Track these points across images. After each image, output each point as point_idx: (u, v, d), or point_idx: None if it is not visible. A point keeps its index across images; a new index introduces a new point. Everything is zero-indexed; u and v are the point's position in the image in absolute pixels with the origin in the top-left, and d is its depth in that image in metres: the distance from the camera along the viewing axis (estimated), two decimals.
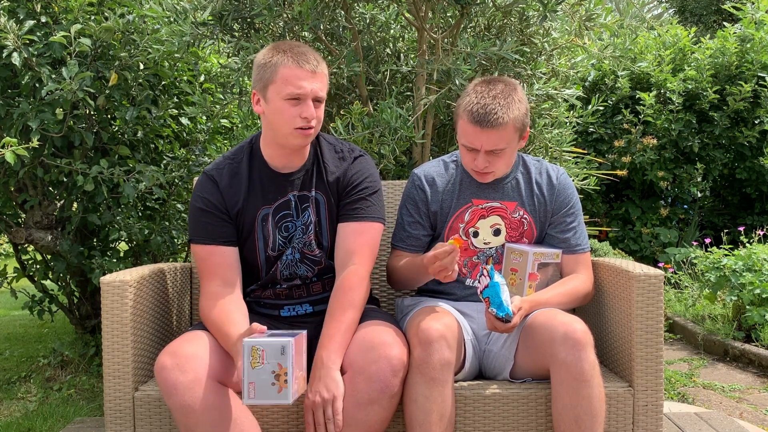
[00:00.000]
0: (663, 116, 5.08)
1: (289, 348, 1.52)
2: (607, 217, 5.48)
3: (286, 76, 1.79)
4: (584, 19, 2.58)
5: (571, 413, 1.72)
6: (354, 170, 1.95)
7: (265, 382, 1.52)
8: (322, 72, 1.83)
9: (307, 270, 1.98)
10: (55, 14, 2.85)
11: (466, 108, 1.89)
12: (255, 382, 1.52)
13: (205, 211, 1.90)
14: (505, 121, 1.85)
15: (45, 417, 2.73)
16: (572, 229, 2.05)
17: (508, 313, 1.75)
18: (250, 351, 1.52)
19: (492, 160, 1.91)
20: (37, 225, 3.05)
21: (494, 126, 1.85)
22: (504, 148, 1.89)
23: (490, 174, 1.96)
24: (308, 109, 1.80)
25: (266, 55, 1.83)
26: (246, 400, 1.54)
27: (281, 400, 1.52)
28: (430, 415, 1.70)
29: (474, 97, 1.88)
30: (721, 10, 10.60)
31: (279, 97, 1.80)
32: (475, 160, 1.92)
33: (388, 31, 2.96)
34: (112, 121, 3.14)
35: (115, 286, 1.86)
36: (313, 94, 1.81)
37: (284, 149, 1.90)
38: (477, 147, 1.90)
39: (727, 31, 5.25)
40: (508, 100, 1.87)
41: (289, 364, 1.51)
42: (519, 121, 1.89)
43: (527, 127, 1.96)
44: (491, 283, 1.77)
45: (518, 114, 1.88)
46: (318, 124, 1.86)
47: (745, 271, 3.51)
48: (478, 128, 1.86)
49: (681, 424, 2.56)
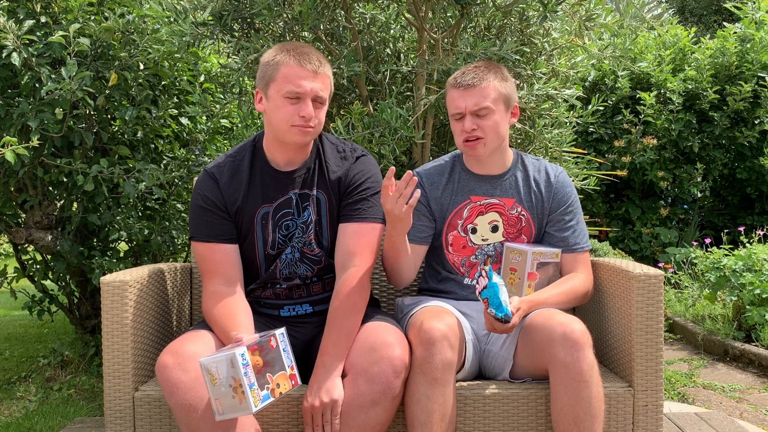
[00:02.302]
0: (663, 116, 5.08)
1: (236, 360, 1.53)
2: (607, 217, 5.48)
3: (286, 75, 1.81)
4: (584, 19, 2.58)
5: (570, 413, 1.72)
6: (356, 170, 1.96)
7: (227, 396, 1.55)
8: (324, 73, 1.85)
9: (306, 269, 1.98)
10: (54, 14, 2.85)
11: (449, 81, 2.02)
12: (219, 398, 1.55)
13: (205, 209, 1.91)
14: (486, 80, 1.95)
15: (45, 417, 2.73)
16: (570, 228, 2.06)
17: (507, 314, 1.75)
18: (207, 370, 1.55)
19: (479, 123, 1.95)
20: (37, 225, 3.05)
21: (474, 85, 1.94)
22: (488, 106, 1.94)
23: (480, 142, 1.96)
24: (306, 108, 1.81)
25: (271, 54, 1.86)
26: (218, 417, 1.57)
27: (244, 411, 1.54)
28: (431, 416, 1.70)
29: (456, 72, 2.02)
30: (722, 10, 10.61)
31: (279, 94, 1.82)
32: (463, 126, 1.96)
33: (388, 31, 2.96)
34: (112, 121, 3.14)
35: (115, 286, 1.86)
36: (313, 93, 1.82)
37: (285, 147, 1.90)
38: (462, 109, 1.95)
39: (727, 31, 5.25)
40: (488, 68, 1.99)
41: (241, 375, 1.53)
42: (502, 88, 1.97)
43: (514, 102, 2.01)
44: (490, 284, 1.77)
45: (500, 82, 1.97)
46: (318, 125, 1.86)
47: (745, 271, 3.51)
48: (459, 91, 1.96)
49: (681, 424, 2.56)
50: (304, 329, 1.98)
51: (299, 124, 1.82)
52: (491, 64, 2.02)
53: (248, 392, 1.53)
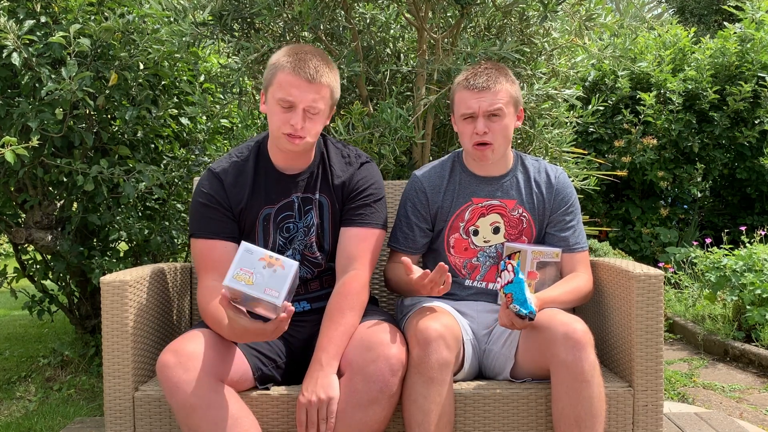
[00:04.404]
0: (663, 116, 5.08)
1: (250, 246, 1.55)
2: (607, 217, 5.48)
3: (280, 81, 1.79)
4: (584, 19, 2.58)
5: (572, 413, 1.72)
6: (360, 176, 1.96)
7: (269, 277, 1.53)
8: (320, 82, 1.80)
9: (306, 272, 1.98)
10: (54, 14, 2.85)
11: (460, 82, 2.00)
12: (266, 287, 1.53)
13: (208, 207, 1.90)
14: (499, 83, 1.96)
15: (45, 417, 2.73)
16: (571, 228, 2.06)
17: (533, 311, 1.74)
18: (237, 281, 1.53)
19: (490, 126, 1.94)
20: (37, 225, 3.05)
21: (489, 87, 1.95)
22: (501, 108, 1.94)
23: (489, 147, 1.96)
24: (295, 117, 1.79)
25: (276, 56, 1.85)
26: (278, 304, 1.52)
27: (291, 269, 1.54)
28: (428, 415, 1.70)
29: (466, 72, 2.01)
30: (722, 10, 10.60)
31: (274, 100, 1.81)
32: (475, 128, 1.95)
33: (388, 31, 2.95)
34: (112, 121, 3.14)
35: (115, 286, 1.86)
36: (305, 103, 1.79)
37: (284, 151, 1.90)
38: (475, 110, 1.94)
39: (728, 31, 5.25)
40: (498, 71, 1.99)
41: (263, 252, 1.55)
42: (513, 91, 1.99)
43: (520, 105, 2.03)
44: (516, 279, 1.76)
45: (510, 85, 1.99)
46: (310, 135, 1.83)
47: (745, 272, 3.51)
48: (472, 92, 1.95)
49: (681, 424, 2.55)
50: (302, 328, 1.98)
51: (288, 132, 1.81)
52: (500, 67, 2.01)
53: (280, 256, 1.55)
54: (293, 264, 1.56)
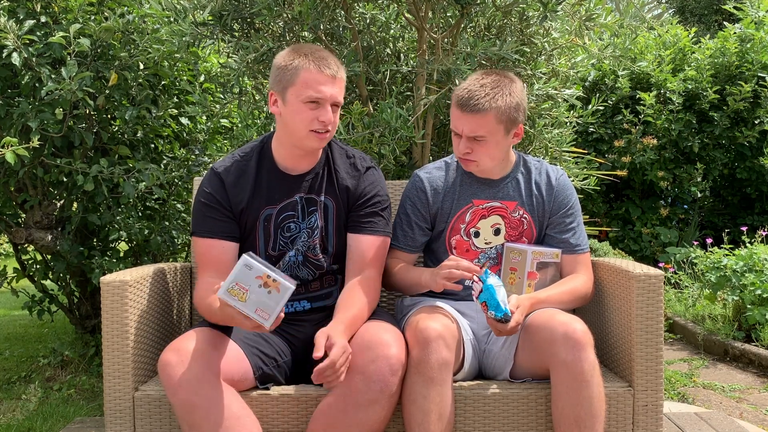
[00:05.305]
0: (663, 116, 5.08)
1: (250, 261, 1.55)
2: (607, 217, 5.48)
3: (306, 80, 1.81)
4: (584, 19, 2.58)
5: (571, 413, 1.72)
6: (367, 182, 1.98)
7: (263, 296, 1.55)
8: (341, 78, 1.87)
9: (308, 273, 1.98)
10: (54, 14, 2.85)
11: (455, 93, 1.95)
12: (259, 306, 1.55)
13: (209, 206, 1.91)
14: (485, 108, 1.87)
15: (45, 417, 2.73)
16: (571, 230, 2.06)
17: (507, 313, 1.75)
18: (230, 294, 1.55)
19: (473, 147, 1.93)
20: (37, 225, 3.05)
21: (473, 111, 1.88)
22: (484, 135, 1.91)
23: (473, 163, 1.97)
24: (326, 113, 1.83)
25: (287, 57, 1.85)
26: (267, 325, 1.56)
27: (287, 292, 1.55)
28: (428, 415, 1.70)
29: (466, 84, 1.94)
30: (722, 10, 10.60)
31: (298, 100, 1.82)
32: (459, 145, 1.95)
33: (388, 31, 2.95)
34: (112, 121, 3.14)
35: (115, 286, 1.86)
36: (332, 99, 1.84)
37: (297, 151, 1.91)
38: (459, 131, 1.94)
39: (728, 31, 5.25)
40: (495, 90, 1.89)
41: (263, 269, 1.55)
42: (503, 113, 1.89)
43: (517, 123, 1.95)
44: (484, 287, 1.77)
45: (503, 105, 1.89)
46: (334, 128, 1.88)
47: (746, 272, 3.51)
48: (459, 112, 1.92)
49: (681, 424, 2.55)
50: (302, 327, 1.98)
51: (317, 128, 1.84)
52: (501, 79, 1.93)
53: (278, 275, 1.55)
54: (289, 288, 1.56)
